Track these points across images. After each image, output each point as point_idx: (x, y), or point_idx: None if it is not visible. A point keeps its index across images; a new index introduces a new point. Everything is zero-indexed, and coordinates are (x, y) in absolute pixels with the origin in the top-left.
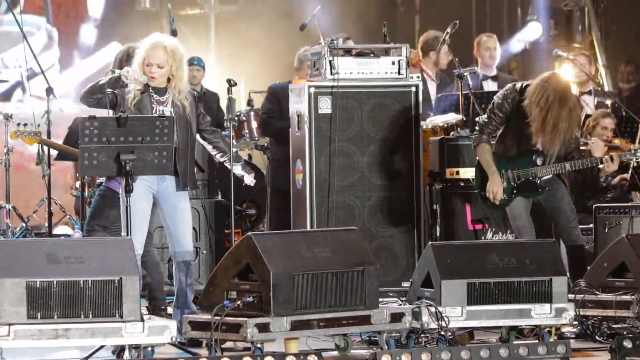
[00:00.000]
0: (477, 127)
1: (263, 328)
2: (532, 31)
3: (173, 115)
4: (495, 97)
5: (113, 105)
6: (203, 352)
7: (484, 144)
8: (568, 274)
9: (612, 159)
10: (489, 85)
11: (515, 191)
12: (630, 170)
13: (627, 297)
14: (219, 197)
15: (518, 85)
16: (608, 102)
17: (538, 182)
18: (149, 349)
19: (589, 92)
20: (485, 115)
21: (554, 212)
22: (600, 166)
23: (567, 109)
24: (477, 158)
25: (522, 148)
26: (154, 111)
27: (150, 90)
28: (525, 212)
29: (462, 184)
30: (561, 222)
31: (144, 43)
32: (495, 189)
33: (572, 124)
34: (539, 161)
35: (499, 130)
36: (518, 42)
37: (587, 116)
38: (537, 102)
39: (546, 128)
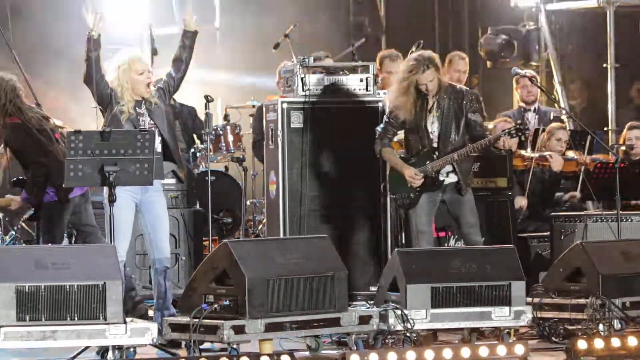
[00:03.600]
0: None
1: (239, 330)
2: None
3: (153, 127)
4: None
5: (108, 98)
6: (182, 352)
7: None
8: None
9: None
10: None
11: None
12: (579, 184)
13: (581, 301)
14: (197, 207)
15: None
16: (563, 116)
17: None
18: (131, 349)
19: (533, 110)
20: None
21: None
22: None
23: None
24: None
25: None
26: (141, 124)
27: (136, 106)
28: (425, 214)
29: None
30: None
31: (121, 59)
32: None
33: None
34: (434, 156)
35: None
36: None
37: (537, 130)
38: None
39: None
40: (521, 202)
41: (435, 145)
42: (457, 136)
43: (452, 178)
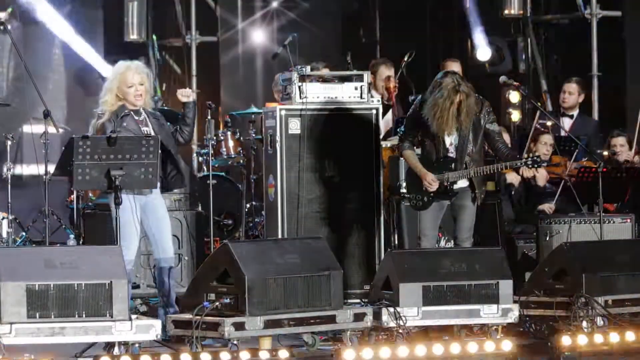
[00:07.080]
0: None
1: (239, 326)
2: (482, 54)
3: (157, 133)
4: None
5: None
6: (185, 348)
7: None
8: None
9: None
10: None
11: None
12: (560, 186)
13: (565, 299)
14: (199, 209)
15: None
16: (549, 123)
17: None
18: (136, 345)
19: (571, 117)
20: None
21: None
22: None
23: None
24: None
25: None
26: (134, 129)
27: (132, 114)
28: (432, 219)
29: None
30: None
31: (115, 69)
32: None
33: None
34: (452, 166)
35: None
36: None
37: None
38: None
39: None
40: (513, 178)
41: (451, 155)
42: (475, 147)
43: (463, 183)
